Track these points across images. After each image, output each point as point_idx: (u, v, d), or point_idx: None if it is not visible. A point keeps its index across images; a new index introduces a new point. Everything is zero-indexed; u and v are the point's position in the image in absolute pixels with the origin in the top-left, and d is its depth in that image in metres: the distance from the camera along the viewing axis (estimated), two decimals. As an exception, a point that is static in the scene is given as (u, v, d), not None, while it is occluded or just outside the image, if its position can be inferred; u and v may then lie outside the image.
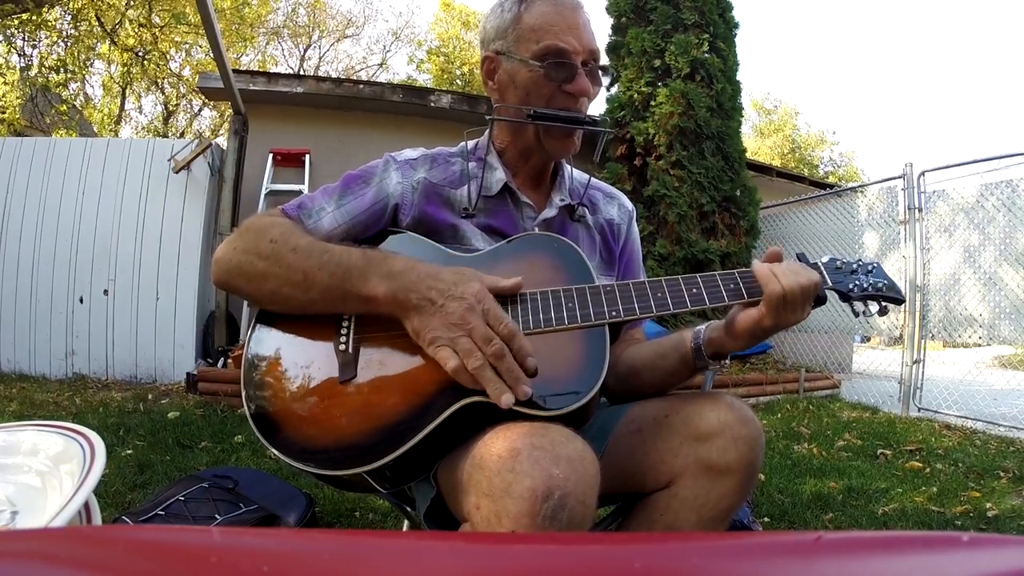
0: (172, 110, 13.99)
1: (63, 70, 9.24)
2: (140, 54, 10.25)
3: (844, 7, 54.37)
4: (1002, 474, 2.67)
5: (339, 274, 0.81)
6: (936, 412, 4.06)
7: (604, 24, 5.50)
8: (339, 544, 0.39)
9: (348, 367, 0.82)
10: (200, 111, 14.62)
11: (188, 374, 4.04)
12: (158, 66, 10.81)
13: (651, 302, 0.84)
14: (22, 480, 0.89)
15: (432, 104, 5.36)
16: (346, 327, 0.86)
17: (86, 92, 11.96)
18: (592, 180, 1.13)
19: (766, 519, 2.11)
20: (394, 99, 5.32)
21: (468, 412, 0.77)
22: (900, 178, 4.52)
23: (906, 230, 4.43)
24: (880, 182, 4.90)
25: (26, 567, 0.32)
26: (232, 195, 4.84)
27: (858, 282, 0.89)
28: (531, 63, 0.95)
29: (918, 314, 4.34)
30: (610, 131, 1.23)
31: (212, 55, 4.48)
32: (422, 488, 0.94)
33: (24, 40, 9.01)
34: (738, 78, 5.22)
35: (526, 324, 0.81)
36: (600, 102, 6.02)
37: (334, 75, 14.84)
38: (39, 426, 0.96)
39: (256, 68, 12.60)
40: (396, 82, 11.81)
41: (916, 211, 4.38)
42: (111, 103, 12.47)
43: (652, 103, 4.99)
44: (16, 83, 9.15)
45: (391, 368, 0.82)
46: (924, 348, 4.38)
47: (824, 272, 0.90)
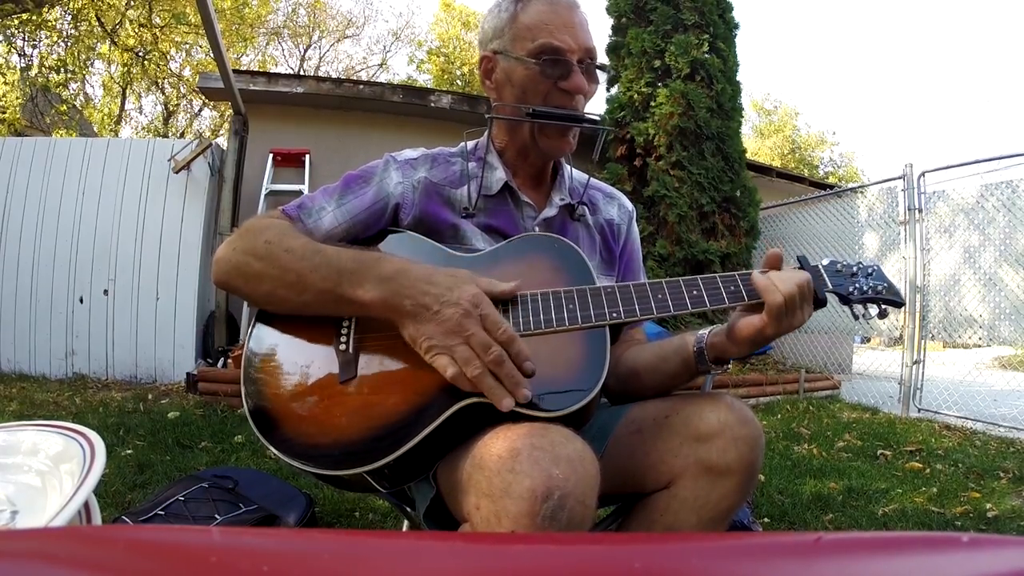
0: (172, 110, 13.99)
1: (63, 70, 9.24)
2: (140, 54, 10.25)
3: (844, 8, 54.42)
4: (1002, 475, 2.67)
5: (332, 277, 0.81)
6: (936, 413, 4.06)
7: (604, 25, 5.52)
8: (339, 544, 0.39)
9: (348, 367, 0.82)
10: (200, 111, 14.64)
11: (188, 374, 4.05)
12: (158, 66, 10.82)
13: (651, 303, 0.84)
14: (22, 480, 0.89)
15: (432, 104, 5.36)
16: (346, 327, 0.86)
17: (86, 92, 11.98)
18: (591, 180, 1.13)
19: (766, 520, 2.11)
20: (394, 99, 5.32)
21: (468, 413, 0.77)
22: (900, 179, 4.52)
23: (906, 231, 4.43)
24: (880, 183, 4.90)
25: (26, 567, 0.32)
26: (232, 195, 4.84)
27: (858, 285, 0.89)
28: (527, 61, 0.95)
29: (918, 315, 4.34)
30: (608, 128, 1.24)
31: (212, 55, 4.48)
32: (422, 488, 0.94)
33: (24, 40, 9.02)
34: (738, 79, 5.23)
35: (526, 325, 0.81)
36: (600, 102, 6.03)
37: (334, 75, 14.85)
38: (39, 426, 0.96)
39: (256, 68, 12.59)
40: (396, 82, 11.82)
41: (916, 212, 4.38)
42: (111, 103, 12.47)
43: (652, 103, 4.99)
44: (16, 83, 9.15)
45: (391, 368, 0.82)
46: (924, 349, 4.38)
47: (824, 275, 0.90)
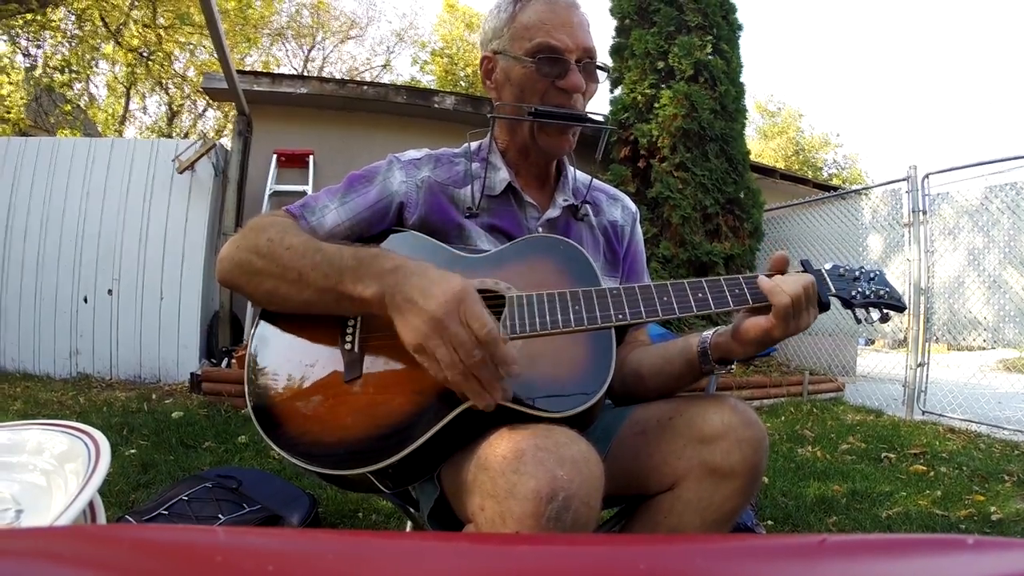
0: (176, 111, 14.03)
1: (67, 70, 9.30)
2: (144, 54, 10.30)
3: (848, 9, 54.33)
4: (1006, 478, 2.65)
5: (332, 275, 0.80)
6: (940, 415, 4.04)
7: (608, 26, 5.51)
8: (343, 544, 0.39)
9: (354, 366, 0.82)
10: (204, 112, 14.66)
11: (192, 374, 4.06)
12: (162, 67, 10.86)
13: (657, 306, 0.84)
14: (27, 479, 0.89)
15: (436, 105, 5.36)
16: (352, 327, 0.86)
17: (90, 92, 12.01)
18: (595, 182, 1.13)
19: (770, 522, 2.10)
20: (398, 100, 5.33)
21: (473, 414, 0.77)
22: (904, 180, 4.50)
23: (910, 233, 4.42)
24: (884, 184, 4.89)
25: (30, 566, 0.32)
26: (236, 196, 4.86)
27: (860, 289, 0.89)
28: (524, 60, 0.96)
29: (922, 317, 4.32)
30: (610, 127, 1.24)
31: (216, 56, 4.49)
32: (426, 489, 0.94)
33: (29, 40, 9.07)
34: (742, 80, 5.21)
35: (532, 326, 0.81)
36: (604, 104, 6.02)
37: (338, 76, 14.87)
38: (44, 425, 0.96)
39: (260, 69, 12.62)
40: (400, 83, 11.82)
41: (920, 214, 4.36)
42: (115, 103, 12.51)
43: (656, 105, 4.98)
44: (21, 83, 9.20)
45: (396, 368, 0.82)
46: (928, 351, 4.36)
47: (827, 279, 0.90)
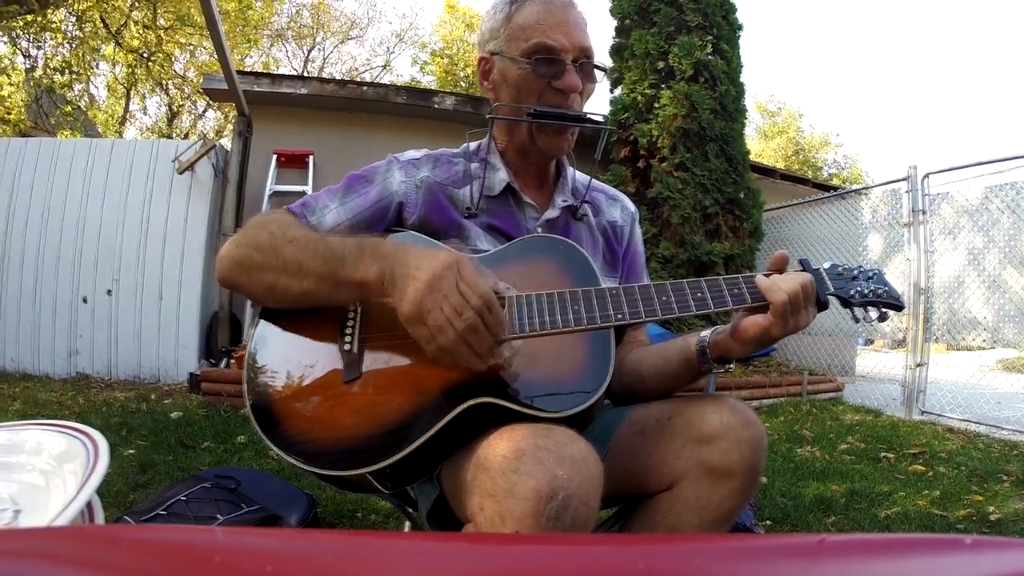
0: (176, 111, 14.03)
1: (68, 71, 9.28)
2: (145, 55, 10.28)
3: (848, 9, 54.33)
4: (1005, 478, 2.65)
5: (333, 261, 0.82)
6: (939, 415, 4.04)
7: (608, 26, 5.50)
8: (343, 544, 0.39)
9: (353, 366, 0.82)
10: (204, 112, 14.66)
11: (191, 374, 4.06)
12: (162, 67, 10.84)
13: (656, 305, 0.84)
14: (25, 479, 0.89)
15: (436, 106, 5.36)
16: (351, 327, 0.86)
17: (91, 93, 11.99)
18: (594, 182, 1.13)
19: (768, 522, 2.10)
20: (398, 101, 5.33)
21: (472, 414, 0.77)
22: (904, 180, 4.50)
23: (910, 232, 4.42)
24: (884, 184, 4.89)
25: (29, 566, 0.32)
26: (236, 196, 4.86)
27: (859, 288, 0.89)
28: (520, 61, 0.96)
29: (922, 317, 4.32)
30: (609, 127, 1.25)
31: (216, 57, 4.49)
32: (425, 489, 0.94)
33: (29, 41, 9.06)
34: (742, 80, 5.21)
35: (532, 326, 0.81)
36: (604, 104, 6.02)
37: (338, 77, 14.87)
38: (43, 425, 0.96)
39: (260, 70, 12.61)
40: (400, 84, 11.84)
41: (920, 213, 4.36)
42: (116, 104, 12.51)
43: (655, 105, 4.98)
44: (21, 84, 9.19)
45: (396, 369, 0.82)
46: (927, 351, 4.36)
47: (826, 278, 0.90)
